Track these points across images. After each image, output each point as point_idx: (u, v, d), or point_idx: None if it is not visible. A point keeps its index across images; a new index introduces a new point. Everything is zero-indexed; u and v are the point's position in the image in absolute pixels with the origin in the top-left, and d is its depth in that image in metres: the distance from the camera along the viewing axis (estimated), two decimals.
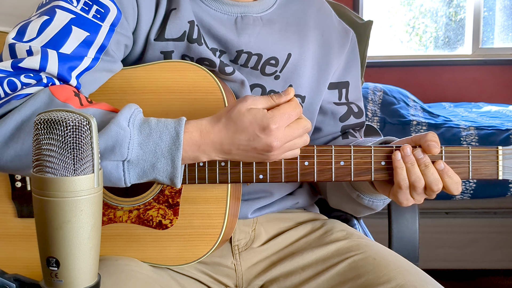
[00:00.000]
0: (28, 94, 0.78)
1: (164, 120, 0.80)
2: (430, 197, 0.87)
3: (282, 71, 0.99)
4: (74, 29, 0.83)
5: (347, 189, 0.98)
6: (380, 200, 0.96)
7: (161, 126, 0.78)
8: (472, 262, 2.40)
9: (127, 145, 0.76)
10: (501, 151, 0.89)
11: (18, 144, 0.76)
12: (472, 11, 3.64)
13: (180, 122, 0.79)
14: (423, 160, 0.85)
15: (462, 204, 2.33)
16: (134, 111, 0.79)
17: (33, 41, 0.81)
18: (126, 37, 0.91)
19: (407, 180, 0.85)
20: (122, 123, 0.76)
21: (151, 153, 0.78)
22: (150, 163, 0.78)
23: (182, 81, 0.90)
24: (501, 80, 3.56)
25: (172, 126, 0.78)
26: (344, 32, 1.08)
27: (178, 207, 0.90)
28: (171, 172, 0.79)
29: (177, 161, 0.78)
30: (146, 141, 0.77)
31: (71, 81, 0.82)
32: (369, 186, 0.94)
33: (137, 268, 0.87)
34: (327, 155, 0.88)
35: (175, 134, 0.78)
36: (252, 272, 0.98)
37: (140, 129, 0.78)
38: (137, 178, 0.79)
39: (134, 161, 0.77)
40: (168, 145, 0.78)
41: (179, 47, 0.94)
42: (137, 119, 0.78)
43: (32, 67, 0.79)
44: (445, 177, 0.85)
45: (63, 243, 0.52)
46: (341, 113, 1.07)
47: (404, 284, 0.84)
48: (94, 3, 0.86)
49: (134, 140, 0.77)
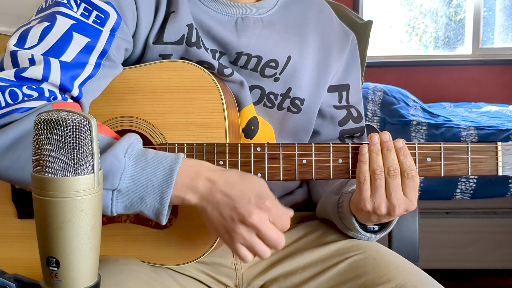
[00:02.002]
0: (30, 108, 0.78)
1: (162, 154, 0.79)
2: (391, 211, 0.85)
3: (282, 73, 0.99)
4: (75, 35, 0.83)
5: (333, 218, 0.98)
6: (363, 236, 0.95)
7: (157, 161, 0.78)
8: (472, 262, 2.40)
9: (120, 176, 0.76)
10: (501, 146, 0.88)
11: (14, 157, 0.76)
12: (472, 11, 3.64)
13: (177, 158, 0.78)
14: (387, 144, 0.85)
15: (462, 204, 2.33)
16: (133, 142, 0.79)
17: (34, 48, 0.81)
18: (126, 41, 0.91)
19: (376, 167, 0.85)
20: (118, 154, 0.76)
21: (142, 186, 0.77)
22: (139, 196, 0.78)
23: (180, 81, 0.90)
24: (501, 80, 3.56)
25: (168, 163, 0.78)
26: (345, 34, 1.08)
27: (177, 206, 0.90)
28: (157, 208, 0.78)
29: (166, 198, 0.77)
30: (140, 174, 0.77)
31: (73, 90, 0.82)
32: (352, 223, 0.92)
33: (137, 268, 0.87)
34: (325, 153, 0.88)
35: (169, 171, 0.77)
36: (252, 272, 0.98)
37: (136, 161, 0.78)
38: (124, 209, 0.78)
39: (124, 191, 0.77)
40: (160, 182, 0.77)
41: (178, 50, 0.94)
42: (134, 150, 0.78)
43: (35, 77, 0.79)
44: (400, 155, 0.85)
45: (63, 243, 0.52)
46: (340, 117, 1.06)
47: (404, 284, 0.84)
48: (94, 9, 0.86)
49: (127, 172, 0.77)
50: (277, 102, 1.01)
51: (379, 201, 0.84)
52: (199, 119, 0.89)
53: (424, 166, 0.88)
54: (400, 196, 0.84)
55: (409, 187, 0.84)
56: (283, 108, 1.01)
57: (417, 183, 0.85)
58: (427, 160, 0.88)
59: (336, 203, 0.95)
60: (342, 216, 0.94)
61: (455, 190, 2.26)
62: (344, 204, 0.92)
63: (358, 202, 0.85)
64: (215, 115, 0.89)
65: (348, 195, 0.92)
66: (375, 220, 0.88)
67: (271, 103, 1.01)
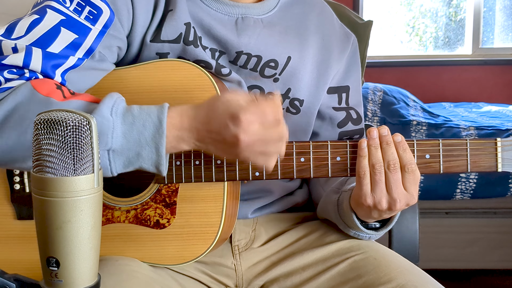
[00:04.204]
0: (10, 88, 0.78)
1: (146, 107, 0.79)
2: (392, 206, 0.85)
3: (282, 74, 0.99)
4: (63, 30, 0.83)
5: (334, 218, 0.97)
6: (365, 234, 0.95)
7: (144, 114, 0.78)
8: (472, 262, 2.40)
9: (111, 134, 0.76)
10: (500, 142, 0.87)
11: (3, 139, 0.76)
12: (472, 11, 3.64)
13: (163, 109, 0.78)
14: (386, 138, 0.85)
15: (462, 204, 2.33)
16: (116, 100, 0.79)
17: (20, 39, 0.81)
18: (119, 39, 0.90)
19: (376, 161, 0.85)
20: (104, 113, 0.76)
21: (135, 142, 0.77)
22: (134, 152, 0.78)
23: (177, 80, 0.90)
24: (501, 80, 3.56)
25: (155, 114, 0.78)
26: (345, 36, 1.07)
27: (175, 206, 0.90)
28: (156, 160, 0.78)
29: (162, 148, 0.78)
30: (130, 130, 0.77)
31: (55, 78, 0.82)
32: (353, 220, 0.92)
33: (137, 268, 0.87)
34: (323, 151, 0.88)
35: (158, 122, 0.77)
36: (252, 272, 0.97)
37: (123, 118, 0.77)
38: (123, 167, 0.79)
39: (119, 150, 0.77)
40: (152, 133, 0.77)
41: (175, 49, 0.93)
42: (119, 108, 0.78)
43: (15, 64, 0.79)
44: (400, 150, 0.85)
45: (63, 243, 0.52)
46: (339, 118, 1.06)
47: (405, 284, 0.84)
48: (87, 4, 0.86)
49: (117, 130, 0.77)
50: None
51: (379, 195, 0.84)
52: None
53: (423, 163, 0.87)
54: (401, 190, 0.84)
55: (409, 181, 0.84)
56: (282, 109, 1.01)
57: (417, 177, 0.85)
58: (426, 157, 0.87)
59: (336, 202, 0.94)
60: (342, 214, 0.93)
61: (455, 190, 2.26)
62: (344, 202, 0.92)
63: (359, 197, 0.85)
64: None
65: (348, 192, 0.92)
66: (376, 216, 0.88)
67: None
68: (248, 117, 0.75)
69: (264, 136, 0.77)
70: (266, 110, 0.77)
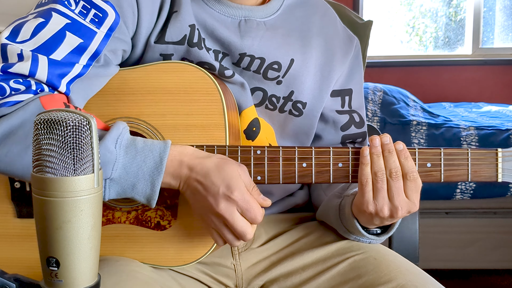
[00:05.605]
0: (18, 102, 0.78)
1: (150, 142, 0.81)
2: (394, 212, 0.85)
3: (285, 76, 0.99)
4: (68, 34, 0.83)
5: (334, 223, 0.97)
6: (366, 239, 0.95)
7: (146, 149, 0.80)
8: (472, 262, 2.40)
9: (112, 166, 0.79)
10: (501, 153, 0.88)
11: (3, 151, 0.77)
12: (472, 11, 3.64)
13: (166, 147, 0.81)
14: (388, 146, 0.85)
15: (462, 204, 2.33)
16: (122, 132, 0.80)
17: (25, 43, 0.81)
18: (124, 41, 0.90)
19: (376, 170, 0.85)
20: (109, 146, 0.78)
21: (133, 174, 0.80)
22: (130, 183, 0.80)
23: (180, 82, 0.90)
24: (501, 80, 3.57)
25: (157, 151, 0.80)
26: (348, 39, 1.07)
27: (176, 208, 0.90)
28: (149, 194, 0.81)
29: (157, 185, 0.81)
30: (131, 163, 0.80)
31: (60, 87, 0.82)
32: (355, 225, 0.92)
33: (137, 268, 0.87)
34: (325, 156, 0.88)
35: (159, 159, 0.80)
36: (252, 272, 0.97)
37: (126, 150, 0.80)
38: (116, 195, 0.81)
39: (116, 179, 0.80)
40: (151, 169, 0.80)
41: (179, 50, 0.93)
42: (124, 140, 0.80)
43: (21, 73, 0.79)
44: (401, 158, 0.85)
45: (63, 243, 0.52)
46: (342, 122, 1.06)
47: (405, 284, 0.84)
48: (92, 7, 0.86)
49: (119, 162, 0.79)
50: (279, 105, 1.01)
51: (381, 203, 0.84)
52: (199, 121, 0.89)
53: (424, 171, 0.88)
54: (403, 198, 0.84)
55: (411, 189, 0.84)
56: (284, 111, 1.01)
57: (419, 185, 0.85)
58: (427, 165, 0.88)
59: (338, 206, 0.94)
60: (344, 219, 0.93)
61: (455, 190, 2.26)
62: (346, 207, 0.92)
63: (361, 204, 0.85)
64: (215, 117, 0.89)
65: (350, 197, 0.92)
66: (377, 223, 0.88)
67: (273, 105, 1.00)
68: (239, 199, 0.80)
69: (234, 223, 0.81)
70: (253, 206, 0.81)
